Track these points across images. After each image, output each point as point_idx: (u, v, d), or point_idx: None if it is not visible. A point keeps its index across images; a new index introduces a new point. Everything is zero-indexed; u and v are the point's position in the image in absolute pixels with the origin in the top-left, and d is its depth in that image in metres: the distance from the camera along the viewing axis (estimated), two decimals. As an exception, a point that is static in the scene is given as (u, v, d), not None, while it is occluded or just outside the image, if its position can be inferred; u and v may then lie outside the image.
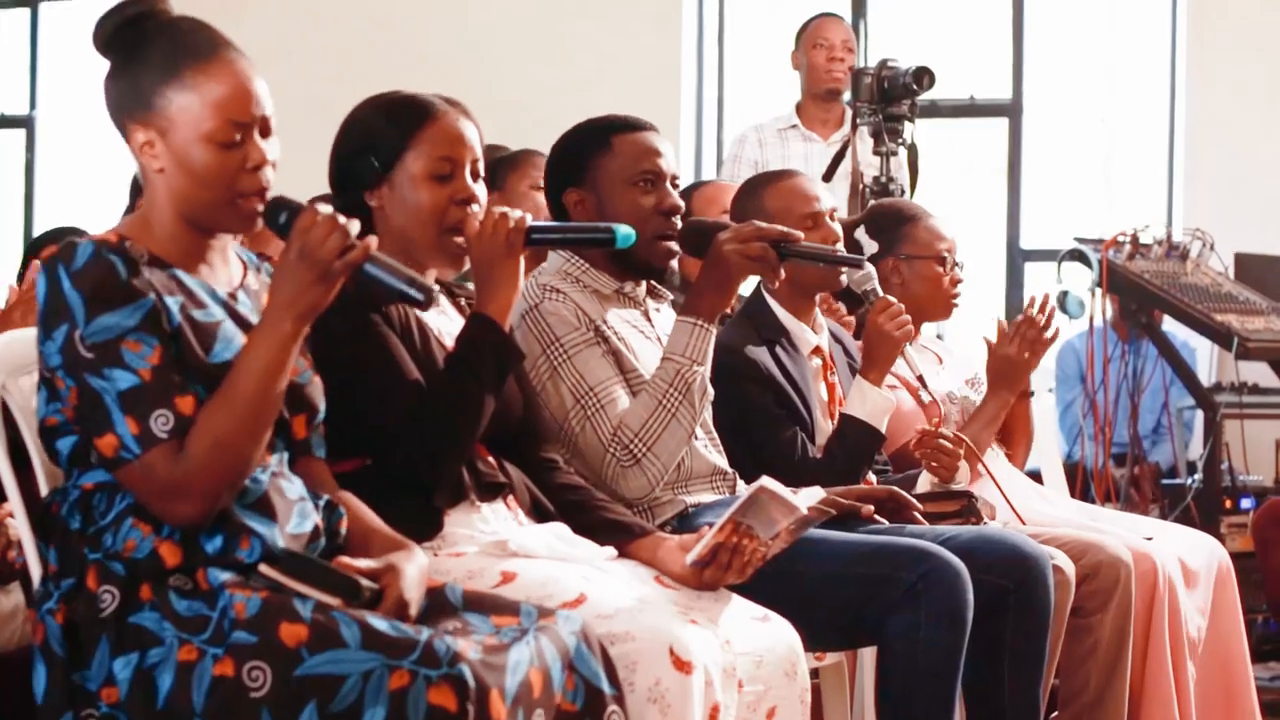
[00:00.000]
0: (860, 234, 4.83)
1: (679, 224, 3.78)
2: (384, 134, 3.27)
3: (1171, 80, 8.71)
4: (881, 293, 4.31)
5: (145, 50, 2.76)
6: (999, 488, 4.33)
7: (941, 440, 4.20)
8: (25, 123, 10.09)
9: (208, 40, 2.78)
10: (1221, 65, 8.43)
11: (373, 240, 2.70)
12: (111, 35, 2.79)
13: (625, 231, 3.32)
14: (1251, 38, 8.37)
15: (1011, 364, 4.62)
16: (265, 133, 2.80)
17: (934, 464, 4.20)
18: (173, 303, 2.71)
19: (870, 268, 4.35)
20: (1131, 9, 9.03)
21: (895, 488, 4.01)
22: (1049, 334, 4.65)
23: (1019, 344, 4.61)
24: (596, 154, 3.78)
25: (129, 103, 2.77)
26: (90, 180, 9.69)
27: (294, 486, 2.82)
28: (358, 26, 9.13)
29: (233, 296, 2.83)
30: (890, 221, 4.85)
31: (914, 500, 3.97)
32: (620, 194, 3.75)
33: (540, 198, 5.07)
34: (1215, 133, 8.41)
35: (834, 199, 4.51)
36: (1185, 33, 8.59)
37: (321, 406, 2.93)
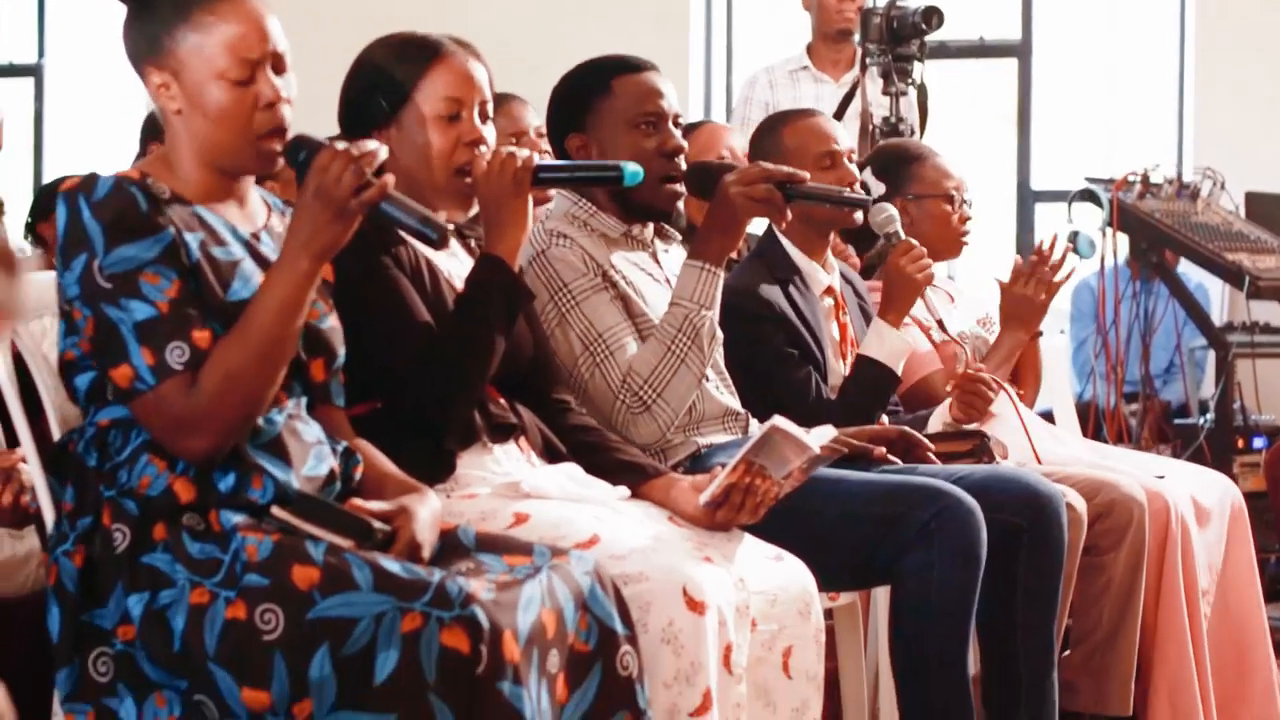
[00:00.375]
0: (867, 175, 4.82)
1: (683, 164, 3.76)
2: (392, 74, 3.26)
3: (1181, 19, 8.67)
4: (904, 235, 4.29)
5: None
6: (1024, 426, 4.32)
7: (981, 385, 4.20)
8: (34, 71, 10.04)
9: None
10: (1231, 3, 8.39)
11: (390, 179, 2.70)
12: None
13: (633, 169, 3.30)
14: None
15: (1026, 303, 4.61)
16: (279, 69, 2.81)
17: (968, 405, 4.20)
18: (192, 239, 2.72)
19: (892, 209, 4.34)
20: (1141, -53, 9.00)
21: (907, 428, 4.00)
22: (1061, 275, 4.64)
23: (1034, 284, 4.60)
24: (596, 98, 3.74)
25: (143, 46, 2.78)
26: (99, 128, 9.66)
27: (311, 429, 2.82)
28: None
29: (256, 237, 2.84)
30: (897, 162, 4.83)
31: (926, 440, 3.97)
32: (622, 137, 3.71)
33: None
34: (1225, 71, 8.37)
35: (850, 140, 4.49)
36: (1195, -30, 8.56)
37: (341, 351, 2.92)
